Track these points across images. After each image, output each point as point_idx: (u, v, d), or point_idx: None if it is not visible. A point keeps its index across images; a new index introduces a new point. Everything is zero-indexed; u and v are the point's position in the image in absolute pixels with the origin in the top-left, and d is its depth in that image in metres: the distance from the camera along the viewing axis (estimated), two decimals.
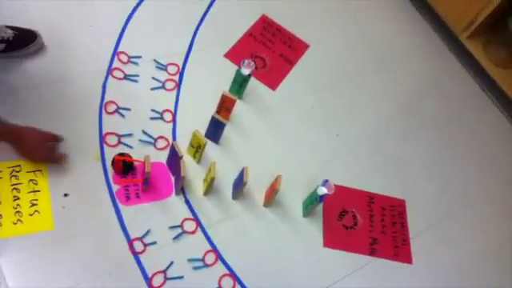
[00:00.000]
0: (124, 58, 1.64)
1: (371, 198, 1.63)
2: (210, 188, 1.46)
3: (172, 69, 1.68)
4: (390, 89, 1.92)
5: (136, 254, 1.35)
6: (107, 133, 1.49)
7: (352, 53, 1.96)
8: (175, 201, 1.45)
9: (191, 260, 1.38)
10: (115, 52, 1.65)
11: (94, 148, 1.46)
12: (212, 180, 1.40)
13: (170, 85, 1.65)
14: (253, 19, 1.90)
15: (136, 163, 1.45)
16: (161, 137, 1.54)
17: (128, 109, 1.55)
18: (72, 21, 1.66)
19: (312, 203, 1.48)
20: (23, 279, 1.25)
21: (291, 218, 1.53)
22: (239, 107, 1.64)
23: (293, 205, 1.55)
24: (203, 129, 1.54)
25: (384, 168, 1.72)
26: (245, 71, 1.56)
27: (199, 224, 1.43)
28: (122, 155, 1.44)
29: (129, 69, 1.63)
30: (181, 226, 1.42)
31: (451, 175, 1.79)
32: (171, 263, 1.36)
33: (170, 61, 1.69)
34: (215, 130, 1.54)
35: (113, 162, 1.44)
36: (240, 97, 1.67)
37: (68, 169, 1.40)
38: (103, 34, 1.67)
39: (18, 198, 1.34)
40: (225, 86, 1.64)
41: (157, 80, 1.64)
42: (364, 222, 1.58)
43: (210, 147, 1.55)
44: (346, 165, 1.68)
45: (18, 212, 1.32)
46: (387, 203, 1.63)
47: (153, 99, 1.60)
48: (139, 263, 1.34)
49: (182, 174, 1.35)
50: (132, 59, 1.65)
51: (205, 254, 1.40)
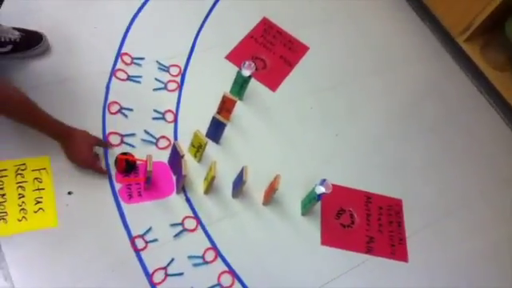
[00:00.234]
0: (127, 60, 1.68)
1: (368, 198, 1.65)
2: (211, 187, 1.49)
3: (174, 70, 1.71)
4: (389, 90, 1.95)
5: (137, 251, 1.38)
6: (110, 132, 1.52)
7: (351, 55, 1.99)
8: (176, 199, 1.48)
9: (191, 257, 1.41)
10: (119, 53, 1.68)
11: (98, 147, 1.48)
12: (212, 179, 1.43)
13: (172, 86, 1.68)
14: (254, 22, 1.93)
15: (138, 162, 1.48)
16: (163, 136, 1.57)
17: (131, 109, 1.58)
18: (77, 23, 1.70)
19: (310, 202, 1.51)
20: (28, 274, 1.28)
21: (290, 217, 1.55)
22: (240, 108, 1.67)
23: (291, 204, 1.57)
24: (204, 129, 1.57)
25: (382, 168, 1.74)
26: (245, 72, 1.60)
27: (199, 222, 1.46)
28: (125, 154, 1.48)
29: (132, 70, 1.66)
30: (181, 224, 1.45)
31: (449, 176, 1.81)
32: (172, 260, 1.39)
33: (172, 62, 1.72)
34: (216, 130, 1.57)
35: (116, 161, 1.47)
36: (240, 98, 1.70)
37: (72, 167, 1.43)
38: (107, 36, 1.70)
39: (23, 196, 1.37)
40: (226, 87, 1.67)
41: (159, 81, 1.67)
42: (361, 221, 1.61)
43: (211, 147, 1.58)
44: (345, 165, 1.71)
45: (23, 209, 1.35)
46: (384, 203, 1.66)
47: (155, 100, 1.63)
48: (140, 260, 1.37)
49: (184, 173, 1.38)
50: (135, 61, 1.68)
51: (205, 252, 1.42)
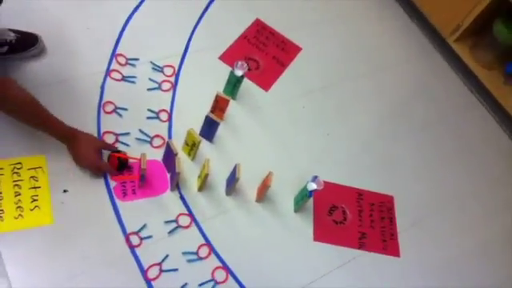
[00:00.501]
0: (122, 60, 1.70)
1: (360, 195, 1.68)
2: (204, 184, 1.51)
3: (168, 70, 1.73)
4: (380, 90, 1.98)
5: (132, 248, 1.39)
6: (105, 131, 1.54)
7: (343, 55, 2.02)
8: (170, 197, 1.50)
9: (185, 253, 1.43)
10: (113, 54, 1.70)
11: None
12: (206, 176, 1.45)
13: (166, 86, 1.70)
14: (247, 23, 1.96)
15: (133, 160, 1.50)
16: (157, 135, 1.59)
17: (125, 109, 1.61)
18: (72, 25, 1.72)
19: (302, 199, 1.53)
20: (24, 270, 1.30)
21: (283, 214, 1.58)
22: (233, 107, 1.69)
23: (284, 201, 1.60)
24: (198, 128, 1.59)
25: (373, 167, 1.77)
26: (238, 72, 1.62)
27: (193, 219, 1.49)
28: (118, 153, 1.50)
29: (126, 70, 1.69)
30: (176, 221, 1.47)
31: (440, 173, 1.84)
32: (166, 256, 1.40)
33: (167, 63, 1.74)
34: (209, 129, 1.59)
35: (108, 159, 1.49)
36: (234, 97, 1.73)
37: (67, 166, 1.45)
38: (102, 38, 1.73)
39: (20, 194, 1.39)
40: (219, 87, 1.69)
41: (153, 81, 1.69)
42: (353, 217, 1.63)
43: (205, 145, 1.60)
44: (336, 163, 1.74)
45: (20, 207, 1.37)
46: (376, 199, 1.69)
47: (149, 99, 1.65)
48: (135, 256, 1.39)
49: (177, 171, 1.41)
50: (130, 61, 1.71)
51: (199, 248, 1.44)
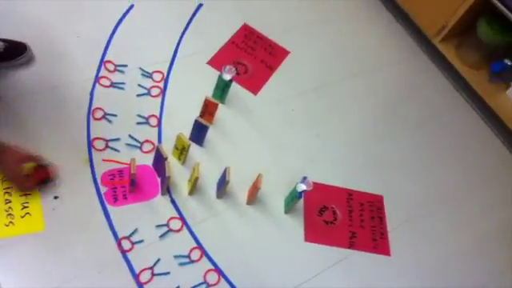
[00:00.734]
0: (111, 67, 1.71)
1: (350, 195, 1.69)
2: (195, 188, 1.52)
3: (157, 76, 1.75)
4: (369, 91, 2.00)
5: (124, 252, 1.40)
6: (95, 138, 1.55)
7: (330, 57, 2.04)
8: (161, 201, 1.51)
9: (177, 256, 1.43)
10: (102, 61, 1.72)
11: (83, 152, 1.52)
12: (196, 180, 1.46)
13: (156, 91, 1.71)
14: (235, 28, 1.98)
15: (125, 166, 1.51)
16: (147, 141, 1.60)
17: (115, 115, 1.62)
18: (60, 33, 1.73)
19: (293, 200, 1.55)
20: (15, 277, 1.30)
21: (273, 215, 1.59)
22: (222, 111, 1.71)
23: (275, 202, 1.61)
24: (188, 133, 1.60)
25: (364, 167, 1.78)
26: (226, 76, 1.64)
27: (184, 222, 1.49)
28: (43, 166, 1.39)
29: (115, 77, 1.70)
30: (167, 225, 1.47)
31: (431, 172, 1.85)
32: (158, 260, 1.41)
33: (155, 68, 1.76)
34: (199, 133, 1.60)
35: (33, 171, 1.36)
36: (223, 101, 1.74)
37: (58, 172, 1.45)
38: (90, 45, 1.74)
39: (10, 202, 1.39)
40: (208, 92, 1.71)
41: (142, 87, 1.71)
42: (343, 217, 1.64)
43: (195, 149, 1.61)
44: (326, 164, 1.75)
45: (10, 214, 1.37)
46: (365, 199, 1.70)
47: (139, 105, 1.67)
48: (127, 260, 1.39)
49: (167, 174, 1.42)
50: (118, 68, 1.72)
51: (190, 251, 1.45)
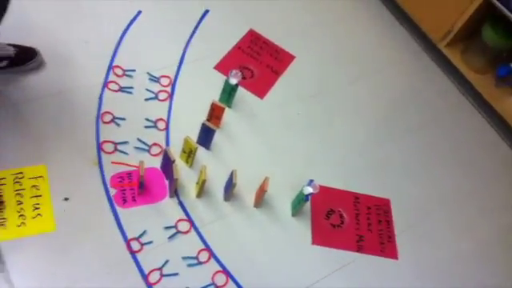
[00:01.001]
0: (119, 72, 1.74)
1: (356, 198, 1.70)
2: (202, 190, 1.54)
3: (164, 81, 1.77)
4: (373, 94, 2.01)
5: (133, 253, 1.41)
6: (104, 141, 1.57)
7: (336, 61, 2.06)
8: (169, 203, 1.53)
9: (185, 258, 1.44)
10: (110, 66, 1.74)
11: (92, 155, 1.54)
12: (203, 182, 1.48)
13: (163, 95, 1.74)
14: (241, 33, 2.00)
15: (133, 169, 1.53)
16: (155, 144, 1.62)
17: (123, 118, 1.64)
18: (70, 38, 1.76)
19: (299, 203, 1.56)
20: (28, 277, 1.32)
21: (280, 218, 1.60)
22: (229, 115, 1.73)
23: (281, 205, 1.62)
24: (195, 136, 1.62)
25: (369, 170, 1.79)
26: (232, 81, 1.66)
27: (193, 224, 1.51)
28: None
29: (123, 81, 1.72)
30: (175, 227, 1.49)
31: (435, 175, 1.86)
32: (167, 261, 1.42)
33: (163, 73, 1.78)
34: (206, 137, 1.62)
35: None
36: (229, 105, 1.76)
37: (68, 175, 1.48)
38: (99, 50, 1.77)
39: (22, 203, 1.41)
40: (215, 96, 1.73)
41: (150, 91, 1.73)
42: (350, 221, 1.65)
43: (202, 153, 1.63)
44: (332, 167, 1.76)
45: (22, 215, 1.39)
46: (372, 202, 1.71)
47: (147, 109, 1.69)
48: (136, 261, 1.40)
49: (175, 177, 1.44)
50: (126, 72, 1.74)
51: (198, 253, 1.46)
